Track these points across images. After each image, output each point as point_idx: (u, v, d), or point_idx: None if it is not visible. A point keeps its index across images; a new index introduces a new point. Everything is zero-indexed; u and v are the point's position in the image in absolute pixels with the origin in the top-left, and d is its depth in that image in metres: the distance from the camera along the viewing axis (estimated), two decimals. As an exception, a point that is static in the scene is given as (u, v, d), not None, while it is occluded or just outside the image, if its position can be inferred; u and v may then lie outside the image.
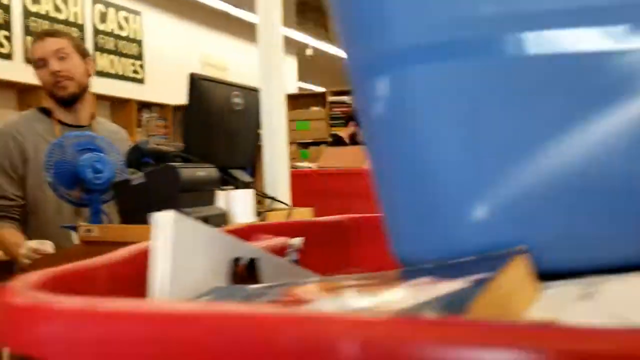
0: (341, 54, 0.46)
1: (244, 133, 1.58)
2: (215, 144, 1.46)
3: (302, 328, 0.24)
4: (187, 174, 1.17)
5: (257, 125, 1.64)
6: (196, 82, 1.39)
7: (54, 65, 1.66)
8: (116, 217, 1.34)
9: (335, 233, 0.66)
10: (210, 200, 1.29)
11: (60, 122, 1.69)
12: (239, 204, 1.35)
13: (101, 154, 1.28)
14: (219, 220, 1.23)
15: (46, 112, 1.73)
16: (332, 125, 6.43)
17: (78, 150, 1.28)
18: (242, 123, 1.56)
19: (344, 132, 5.03)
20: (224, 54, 7.84)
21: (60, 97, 1.69)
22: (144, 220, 1.27)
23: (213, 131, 1.46)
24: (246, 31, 8.33)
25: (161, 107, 6.23)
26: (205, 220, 1.19)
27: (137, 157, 1.40)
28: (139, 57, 6.24)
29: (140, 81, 6.17)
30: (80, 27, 5.63)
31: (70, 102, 1.69)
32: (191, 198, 1.21)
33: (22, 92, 4.99)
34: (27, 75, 4.99)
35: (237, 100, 1.54)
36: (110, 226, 1.17)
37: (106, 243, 1.19)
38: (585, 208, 0.38)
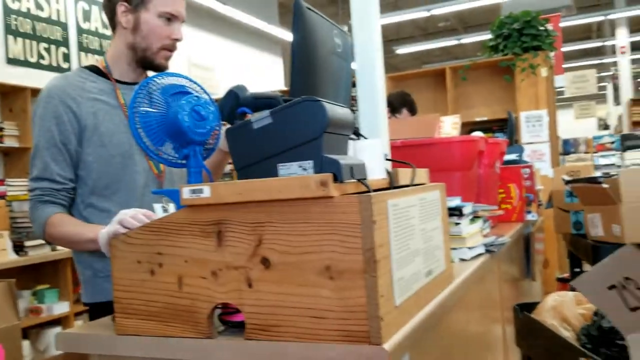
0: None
1: (344, 81, 1.31)
2: (321, 91, 1.19)
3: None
4: (332, 112, 0.91)
5: (351, 73, 1.38)
6: (302, 11, 1.13)
7: (179, 31, 1.47)
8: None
9: None
10: (345, 149, 1.03)
11: (119, 81, 1.43)
12: (369, 156, 1.09)
13: (203, 97, 1.00)
14: (362, 172, 0.97)
15: (96, 70, 1.45)
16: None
17: (170, 94, 1.00)
18: (343, 69, 1.30)
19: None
20: (211, 54, 7.53)
21: (159, 66, 1.47)
22: (270, 173, 1.00)
23: (319, 75, 1.19)
24: (232, 30, 8.05)
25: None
26: (351, 170, 0.93)
27: (232, 106, 1.13)
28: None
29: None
30: (64, 26, 5.27)
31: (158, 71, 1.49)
32: (329, 144, 0.94)
33: (4, 95, 4.61)
34: (8, 76, 4.62)
35: (337, 40, 1.28)
36: (229, 183, 0.90)
37: (220, 205, 0.91)
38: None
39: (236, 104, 1.12)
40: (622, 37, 11.74)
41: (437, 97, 5.37)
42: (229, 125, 1.10)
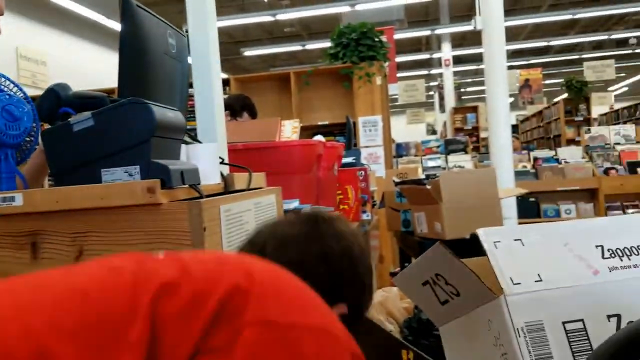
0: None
1: (179, 82, 1.28)
2: (153, 92, 1.15)
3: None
4: (160, 114, 0.88)
5: (188, 75, 1.35)
6: (131, 9, 1.07)
7: None
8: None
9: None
10: (176, 153, 1.00)
11: None
12: (203, 161, 1.07)
13: (17, 95, 0.91)
14: (194, 177, 0.95)
15: None
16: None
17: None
18: (178, 70, 1.27)
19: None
20: (42, 46, 6.89)
21: None
22: (92, 179, 0.93)
23: (150, 76, 1.14)
24: (68, 22, 7.44)
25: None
26: (182, 176, 0.91)
27: (52, 106, 1.04)
28: None
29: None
30: None
31: None
32: (158, 148, 0.90)
33: None
34: None
35: (171, 41, 1.24)
36: (46, 190, 0.82)
37: (34, 215, 0.84)
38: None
39: (57, 103, 1.03)
40: (447, 51, 12.97)
41: (283, 101, 5.47)
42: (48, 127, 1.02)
